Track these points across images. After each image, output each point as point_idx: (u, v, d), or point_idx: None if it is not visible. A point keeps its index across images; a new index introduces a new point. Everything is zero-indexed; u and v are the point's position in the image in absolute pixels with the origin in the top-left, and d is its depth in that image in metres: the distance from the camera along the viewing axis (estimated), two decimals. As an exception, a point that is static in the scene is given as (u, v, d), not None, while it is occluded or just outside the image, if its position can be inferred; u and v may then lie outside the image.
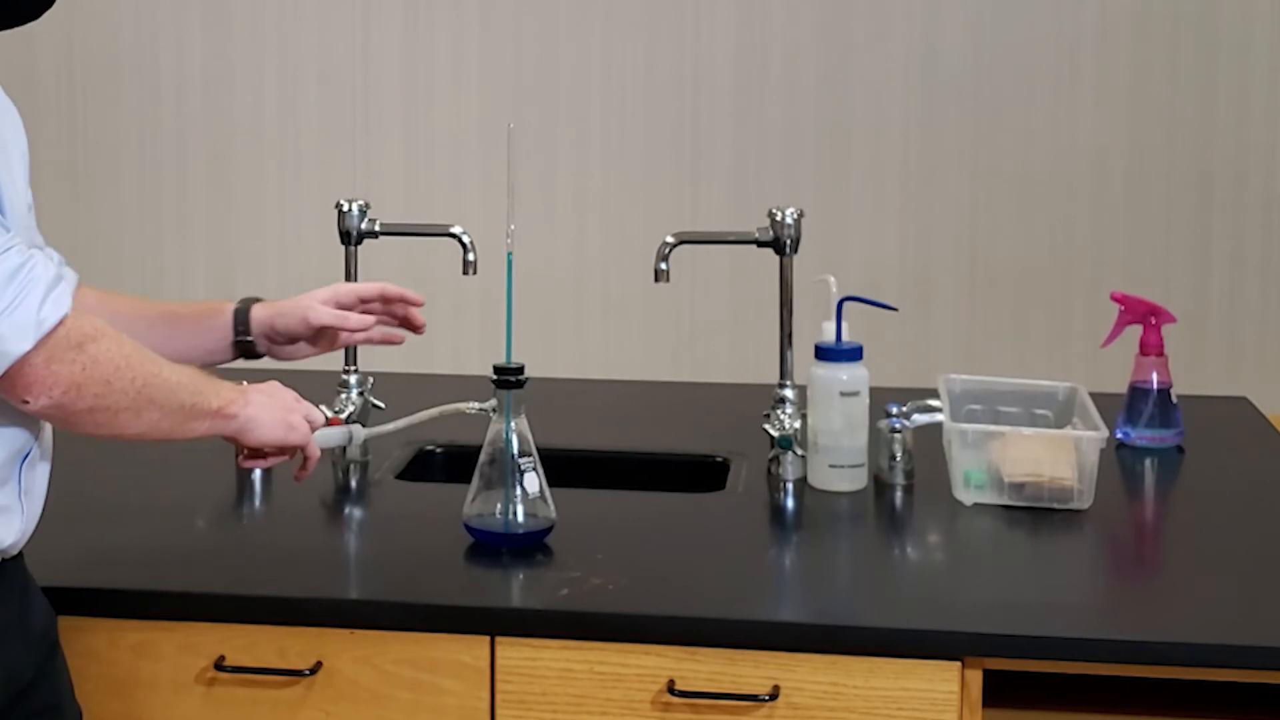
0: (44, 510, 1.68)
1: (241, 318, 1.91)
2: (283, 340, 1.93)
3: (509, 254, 1.93)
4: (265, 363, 2.00)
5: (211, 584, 1.84)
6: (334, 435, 1.95)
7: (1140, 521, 2.17)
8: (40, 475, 1.66)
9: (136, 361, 1.60)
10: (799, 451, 2.18)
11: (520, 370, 1.93)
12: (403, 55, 3.91)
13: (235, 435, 1.74)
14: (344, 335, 1.94)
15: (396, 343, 2.00)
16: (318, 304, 1.92)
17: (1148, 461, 2.32)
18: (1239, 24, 3.72)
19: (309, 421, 1.81)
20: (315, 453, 1.82)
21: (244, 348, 1.92)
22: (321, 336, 1.94)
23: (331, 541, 2.08)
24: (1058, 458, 2.08)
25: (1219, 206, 3.76)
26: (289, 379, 2.55)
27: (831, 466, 2.14)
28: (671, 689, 1.74)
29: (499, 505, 1.93)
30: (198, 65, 3.96)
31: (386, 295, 1.96)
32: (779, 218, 2.24)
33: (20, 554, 1.67)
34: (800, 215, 2.24)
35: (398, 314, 1.98)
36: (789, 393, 2.23)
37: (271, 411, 1.76)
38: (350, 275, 2.32)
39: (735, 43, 3.81)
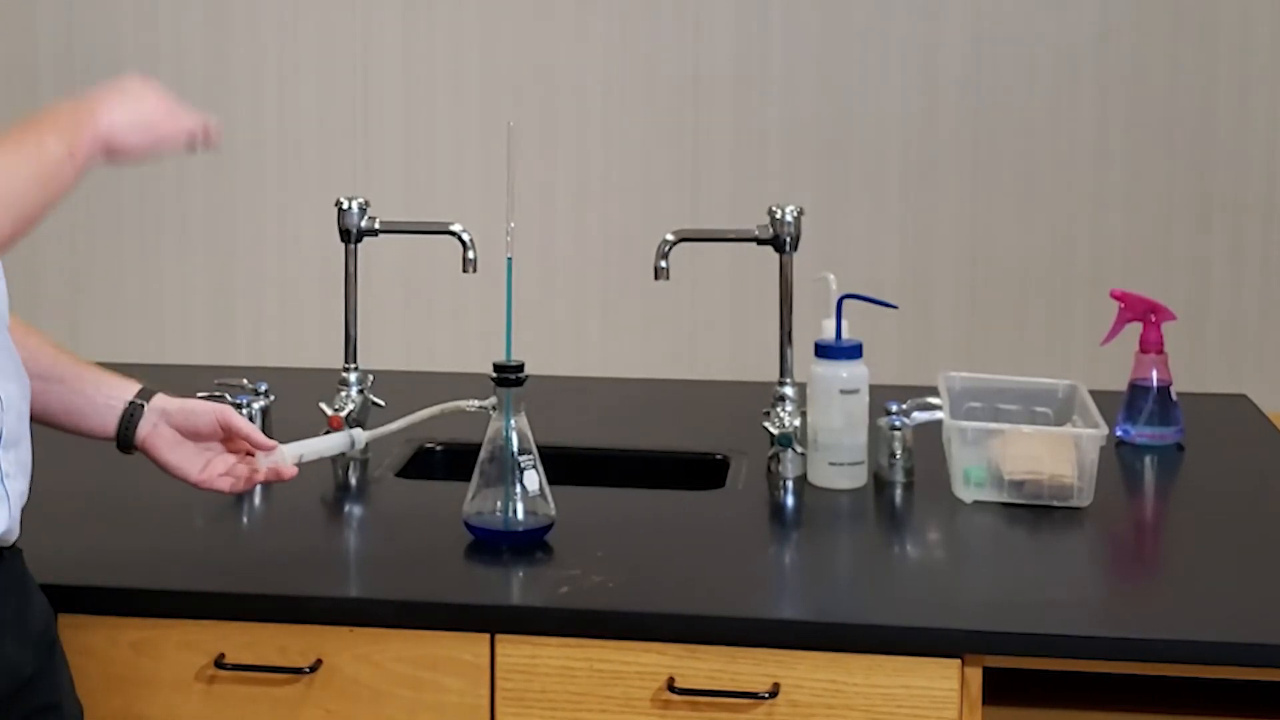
0: (43, 506, 1.68)
1: (146, 393, 1.81)
2: (186, 433, 1.81)
3: (509, 258, 1.93)
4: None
5: (211, 582, 1.84)
6: (335, 441, 1.95)
7: (1140, 519, 2.17)
8: (17, 458, 1.63)
9: None
10: (799, 449, 2.18)
11: (520, 368, 1.93)
12: (403, 54, 3.91)
13: (109, 154, 1.58)
14: (218, 470, 1.82)
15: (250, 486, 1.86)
16: (230, 410, 1.84)
17: (1147, 459, 2.32)
18: (1239, 24, 3.72)
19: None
20: (188, 128, 1.64)
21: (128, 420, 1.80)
22: (224, 445, 1.83)
23: (331, 539, 2.08)
24: (1058, 455, 2.08)
25: (1219, 206, 3.76)
26: (291, 378, 2.56)
27: (831, 464, 2.14)
28: (671, 687, 1.74)
29: (499, 503, 1.93)
30: (198, 65, 3.96)
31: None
32: (779, 215, 2.24)
33: (19, 551, 1.67)
34: (800, 213, 2.24)
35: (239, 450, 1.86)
36: (789, 390, 2.23)
37: (138, 109, 1.60)
38: (350, 273, 2.32)
39: (735, 42, 3.82)
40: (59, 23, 3.95)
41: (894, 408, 2.17)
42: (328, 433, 2.15)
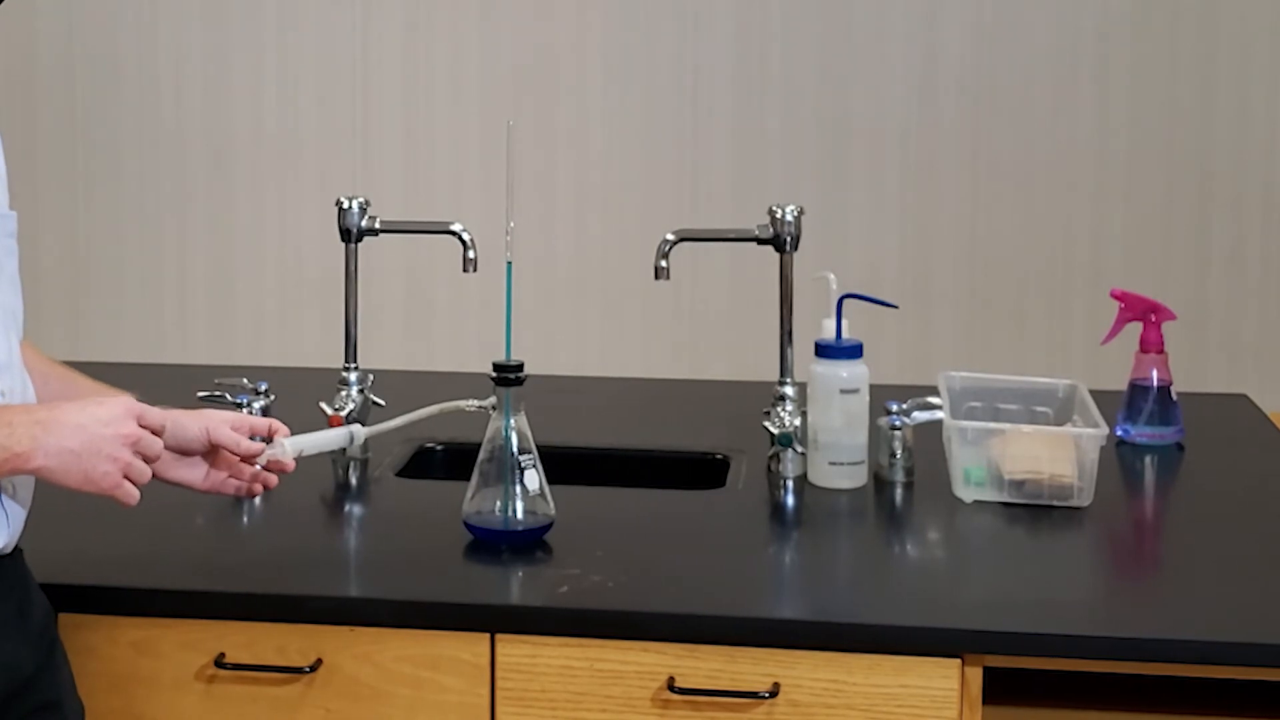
0: (43, 505, 1.68)
1: None
2: (180, 449, 1.78)
3: (508, 262, 1.93)
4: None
5: (211, 581, 1.84)
6: (335, 436, 1.95)
7: (1140, 519, 2.17)
8: (21, 478, 1.64)
9: None
10: (799, 449, 2.18)
11: (520, 367, 1.93)
12: (402, 54, 3.91)
13: (41, 479, 1.60)
14: (222, 475, 1.80)
15: (254, 494, 1.85)
16: (218, 420, 1.79)
17: (1147, 459, 2.32)
18: (1239, 24, 3.72)
19: (145, 454, 1.62)
20: (128, 499, 1.62)
21: None
22: (213, 458, 1.80)
23: (331, 539, 2.08)
24: (1057, 455, 2.08)
25: (1219, 205, 3.76)
26: (289, 377, 2.56)
27: (831, 464, 2.14)
28: (671, 686, 1.74)
29: (498, 503, 1.93)
30: (198, 65, 3.96)
31: (274, 430, 1.82)
32: (779, 215, 2.24)
33: (19, 550, 1.67)
34: (800, 212, 2.24)
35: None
36: (789, 390, 2.23)
37: (68, 460, 1.57)
38: (350, 273, 2.32)
39: (735, 41, 3.82)
40: (59, 23, 3.95)
41: (894, 407, 2.17)
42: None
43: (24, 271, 1.71)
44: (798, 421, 2.19)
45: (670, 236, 2.25)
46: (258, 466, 1.81)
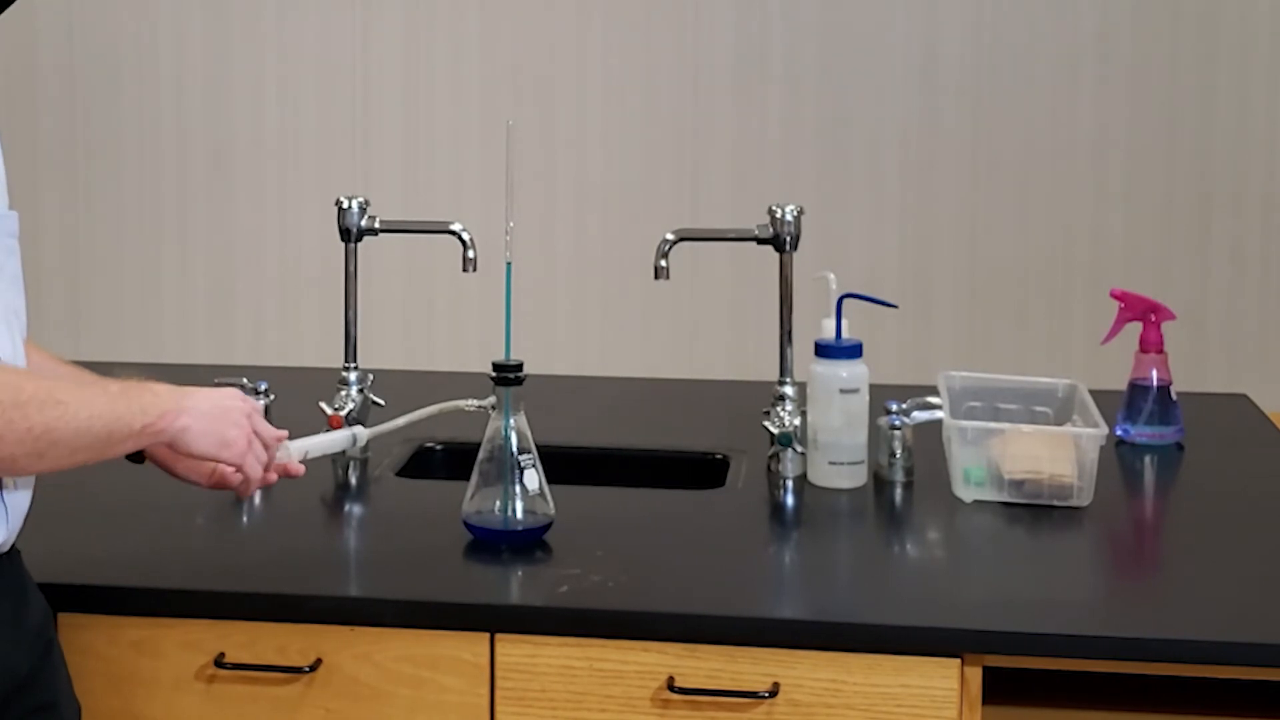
0: (43, 505, 1.68)
1: None
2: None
3: (508, 262, 1.93)
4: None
5: (212, 581, 1.84)
6: (338, 438, 1.95)
7: (1140, 519, 2.17)
8: (23, 477, 1.64)
9: (33, 409, 1.52)
10: (799, 448, 2.18)
11: (519, 367, 1.93)
12: (403, 54, 3.91)
13: (171, 445, 1.66)
14: (227, 469, 1.78)
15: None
16: None
17: (1147, 459, 2.32)
18: (1239, 24, 3.72)
19: (261, 437, 1.71)
20: (253, 474, 1.71)
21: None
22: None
23: (331, 539, 2.08)
24: (1057, 455, 2.08)
25: (1219, 205, 3.76)
26: (289, 377, 2.56)
27: (831, 463, 2.14)
28: (671, 686, 1.74)
29: (498, 502, 1.93)
30: (198, 65, 3.96)
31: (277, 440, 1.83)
32: (779, 215, 2.24)
33: (17, 551, 1.67)
34: (800, 212, 2.24)
35: None
36: (789, 390, 2.23)
37: (207, 422, 1.65)
38: (350, 273, 2.32)
39: (735, 42, 3.82)
40: (59, 23, 3.95)
41: (894, 407, 2.17)
42: (329, 431, 2.15)
43: (25, 271, 1.71)
44: (798, 421, 2.19)
45: (670, 236, 2.25)
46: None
